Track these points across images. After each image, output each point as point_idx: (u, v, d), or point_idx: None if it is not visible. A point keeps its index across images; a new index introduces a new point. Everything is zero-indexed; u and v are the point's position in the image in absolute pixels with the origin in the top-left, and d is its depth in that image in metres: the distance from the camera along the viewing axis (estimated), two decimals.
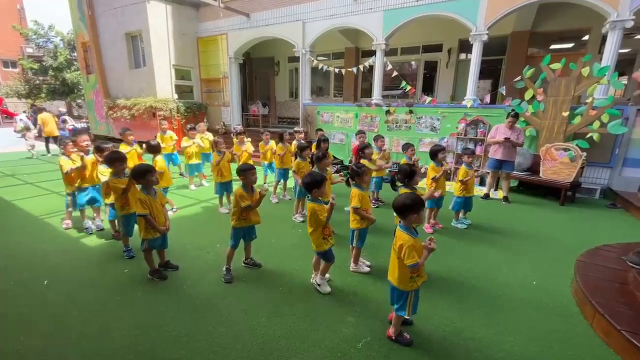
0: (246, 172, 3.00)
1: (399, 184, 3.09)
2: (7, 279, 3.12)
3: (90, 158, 4.03)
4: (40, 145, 11.05)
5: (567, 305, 2.80)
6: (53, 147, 10.99)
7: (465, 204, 4.51)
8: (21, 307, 2.69)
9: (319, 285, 2.90)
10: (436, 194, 3.22)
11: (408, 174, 3.02)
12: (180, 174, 7.60)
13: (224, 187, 5.03)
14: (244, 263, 3.36)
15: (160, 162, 4.62)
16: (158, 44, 10.61)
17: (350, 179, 3.04)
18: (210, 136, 6.93)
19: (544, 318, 2.62)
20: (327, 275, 3.02)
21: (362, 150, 4.36)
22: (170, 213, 5.00)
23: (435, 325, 2.49)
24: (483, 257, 3.73)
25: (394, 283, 2.20)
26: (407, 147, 4.74)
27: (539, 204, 5.92)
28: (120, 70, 11.85)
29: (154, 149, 4.73)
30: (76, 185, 4.09)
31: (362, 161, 4.34)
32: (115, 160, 3.41)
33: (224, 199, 5.20)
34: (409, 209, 2.10)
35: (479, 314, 2.64)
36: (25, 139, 10.61)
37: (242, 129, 6.43)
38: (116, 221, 4.02)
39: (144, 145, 5.02)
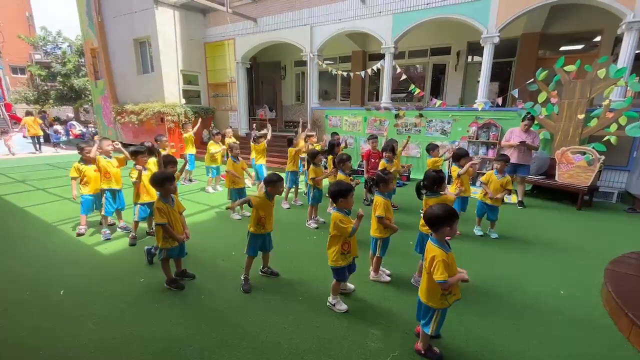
0: (276, 184, 2.96)
1: (424, 191, 2.96)
2: (22, 288, 3.07)
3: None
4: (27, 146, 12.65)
5: (598, 317, 2.70)
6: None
7: (488, 211, 4.29)
8: (38, 319, 2.63)
9: (333, 305, 2.71)
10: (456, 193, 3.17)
11: (437, 180, 2.89)
12: (189, 180, 7.58)
13: (236, 194, 4.99)
14: (262, 272, 3.30)
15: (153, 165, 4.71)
16: (166, 49, 10.67)
17: (375, 186, 2.96)
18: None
19: (577, 330, 2.52)
20: (351, 286, 2.94)
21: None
22: None
23: (465, 338, 2.40)
24: (505, 264, 3.64)
25: (422, 298, 2.11)
26: (432, 147, 4.65)
27: (555, 209, 5.80)
28: (128, 75, 11.93)
29: (151, 152, 4.78)
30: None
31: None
32: (167, 163, 3.56)
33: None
34: (442, 222, 1.97)
35: (510, 326, 2.55)
36: (5, 143, 11.94)
37: (261, 133, 6.38)
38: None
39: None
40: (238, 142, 5.44)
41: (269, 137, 6.47)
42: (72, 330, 2.49)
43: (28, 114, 12.51)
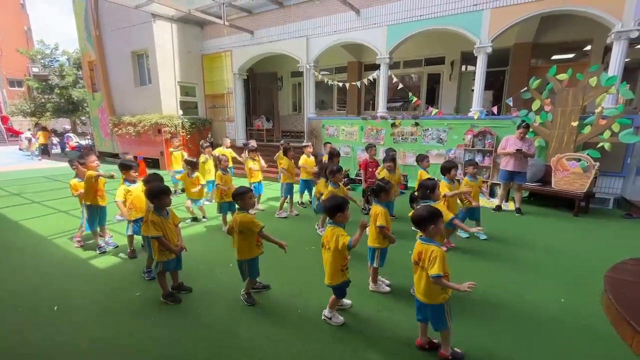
0: (243, 196, 2.84)
1: (419, 200, 2.93)
2: (16, 304, 3.01)
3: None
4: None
5: (600, 325, 2.65)
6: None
7: (470, 214, 4.39)
8: (33, 336, 2.57)
9: (329, 318, 2.66)
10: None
11: (429, 187, 2.95)
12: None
13: (226, 207, 4.94)
14: (253, 288, 3.24)
15: (199, 177, 5.31)
16: (163, 61, 10.74)
17: (374, 195, 2.96)
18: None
19: (579, 339, 2.50)
20: (348, 302, 2.89)
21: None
22: (204, 220, 5.46)
23: (467, 348, 2.36)
24: (503, 272, 3.62)
25: (425, 299, 2.12)
26: (422, 158, 4.67)
27: (553, 215, 5.81)
28: (126, 87, 11.97)
29: (194, 165, 5.26)
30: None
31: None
32: (150, 181, 3.45)
33: (229, 218, 5.10)
34: (426, 220, 2.10)
35: (512, 336, 2.52)
36: (28, 150, 15.65)
37: (255, 146, 6.33)
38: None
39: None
40: (225, 155, 5.33)
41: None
42: (67, 347, 2.43)
43: (43, 129, 16.16)
